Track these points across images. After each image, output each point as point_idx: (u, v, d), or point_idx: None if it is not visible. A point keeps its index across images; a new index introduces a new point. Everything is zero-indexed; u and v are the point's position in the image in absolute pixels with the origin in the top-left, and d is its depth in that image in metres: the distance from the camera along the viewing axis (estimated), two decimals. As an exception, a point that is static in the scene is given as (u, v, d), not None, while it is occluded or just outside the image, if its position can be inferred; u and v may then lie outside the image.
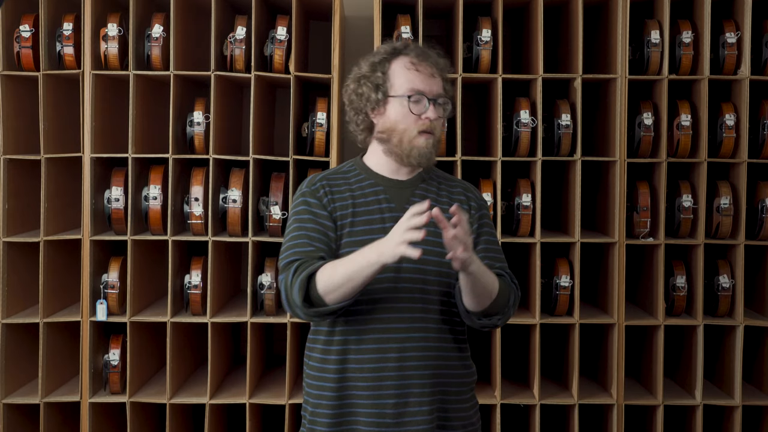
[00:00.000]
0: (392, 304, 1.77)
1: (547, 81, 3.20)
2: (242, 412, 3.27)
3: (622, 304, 3.17)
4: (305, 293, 1.69)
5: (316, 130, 3.16)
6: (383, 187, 1.85)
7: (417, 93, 1.79)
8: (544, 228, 3.32)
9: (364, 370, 1.77)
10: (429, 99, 1.79)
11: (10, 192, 3.15)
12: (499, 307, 1.79)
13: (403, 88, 1.79)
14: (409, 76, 1.80)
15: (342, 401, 1.80)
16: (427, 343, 1.78)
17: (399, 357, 1.76)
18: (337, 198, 1.83)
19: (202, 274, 3.15)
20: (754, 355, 3.33)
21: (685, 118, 3.14)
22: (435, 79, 1.81)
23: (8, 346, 3.14)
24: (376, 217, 1.80)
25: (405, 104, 1.79)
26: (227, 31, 3.24)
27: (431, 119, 1.79)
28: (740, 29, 3.15)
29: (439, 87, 1.81)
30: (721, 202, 3.14)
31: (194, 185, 3.13)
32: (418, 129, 1.79)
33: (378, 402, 1.77)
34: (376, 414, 1.77)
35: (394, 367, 1.77)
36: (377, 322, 1.77)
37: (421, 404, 1.78)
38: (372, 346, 1.77)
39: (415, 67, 1.80)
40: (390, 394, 1.77)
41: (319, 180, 1.86)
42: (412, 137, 1.79)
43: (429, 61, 1.82)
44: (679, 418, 3.35)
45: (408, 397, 1.77)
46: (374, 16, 3.16)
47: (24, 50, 3.11)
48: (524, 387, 3.30)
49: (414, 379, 1.77)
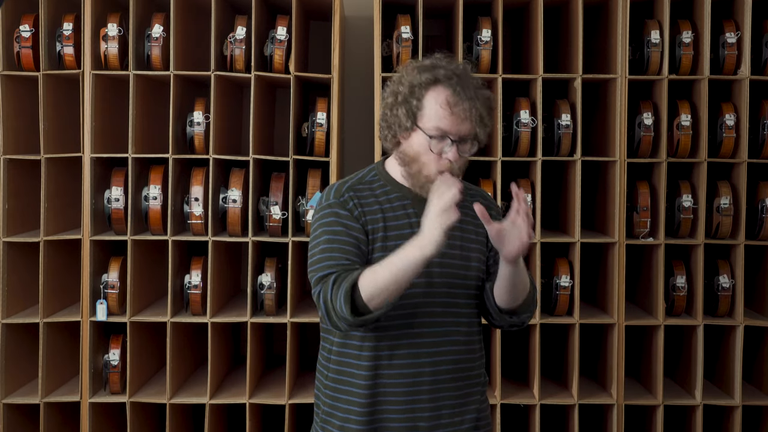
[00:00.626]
0: (424, 318, 1.76)
1: (547, 81, 3.20)
2: (242, 412, 3.27)
3: (622, 304, 3.17)
4: (351, 303, 1.65)
5: (316, 130, 3.16)
6: (410, 201, 1.81)
7: (442, 132, 1.73)
8: (544, 228, 3.32)
9: (398, 385, 1.76)
10: (453, 140, 1.73)
11: (10, 192, 3.15)
12: (528, 305, 1.83)
13: (430, 123, 1.74)
14: (440, 113, 1.73)
15: (373, 416, 1.77)
16: (457, 355, 1.79)
17: (433, 371, 1.76)
18: (367, 211, 1.79)
19: (202, 274, 3.15)
20: (754, 355, 3.33)
21: (685, 118, 3.14)
22: (464, 122, 1.74)
23: (8, 346, 3.14)
24: (406, 231, 1.76)
25: (428, 140, 1.74)
26: (227, 31, 3.24)
27: (451, 161, 1.74)
28: (740, 29, 3.15)
29: (468, 129, 1.74)
30: (721, 202, 3.14)
31: (194, 185, 3.13)
32: (437, 168, 1.74)
33: (412, 416, 1.76)
34: (409, 428, 1.76)
35: (428, 381, 1.76)
36: (410, 337, 1.75)
37: (452, 416, 1.79)
38: (406, 361, 1.75)
39: (450, 108, 1.73)
40: (424, 407, 1.76)
41: (346, 191, 1.81)
42: (429, 173, 1.75)
43: (464, 105, 1.73)
44: (679, 418, 3.35)
45: (441, 409, 1.77)
46: (374, 16, 3.16)
47: (24, 50, 3.11)
48: (524, 387, 3.30)
49: (447, 391, 1.78)
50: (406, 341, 1.75)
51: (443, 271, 1.77)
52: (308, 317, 3.18)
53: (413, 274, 1.61)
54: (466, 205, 1.84)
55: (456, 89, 1.73)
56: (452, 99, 1.73)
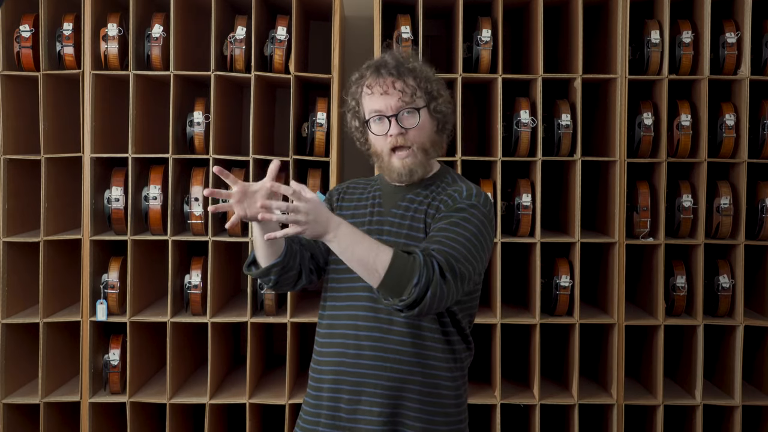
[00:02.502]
0: (364, 302, 1.81)
1: (547, 81, 3.20)
2: (242, 412, 3.27)
3: (622, 304, 3.17)
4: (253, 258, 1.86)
5: (316, 130, 3.16)
6: (382, 191, 1.90)
7: (375, 114, 1.82)
8: (544, 228, 3.32)
9: (329, 363, 1.82)
10: (387, 117, 1.80)
11: (10, 192, 3.15)
12: (401, 287, 1.60)
13: (367, 111, 1.84)
14: (367, 100, 1.83)
15: (317, 401, 1.85)
16: (385, 344, 1.78)
17: (356, 354, 1.79)
18: (346, 199, 1.94)
19: (202, 274, 3.15)
20: (754, 355, 3.33)
21: (685, 118, 3.14)
22: (390, 96, 1.80)
23: (8, 346, 3.14)
24: (367, 219, 1.87)
25: (370, 130, 1.84)
26: (227, 31, 3.24)
27: (393, 135, 1.80)
28: (740, 29, 3.15)
29: (401, 98, 1.80)
30: (721, 202, 3.14)
31: (194, 185, 3.13)
32: (388, 148, 1.82)
33: (336, 396, 1.81)
34: (333, 408, 1.81)
35: (350, 363, 1.79)
36: (346, 318, 1.82)
37: (372, 404, 1.78)
38: (335, 341, 1.82)
39: (370, 90, 1.82)
40: (346, 389, 1.79)
41: (339, 185, 2.00)
42: (387, 158, 1.83)
43: (385, 80, 1.81)
44: (679, 418, 3.35)
45: (361, 395, 1.79)
46: (374, 16, 3.16)
47: (24, 50, 3.11)
48: (524, 387, 3.30)
49: (369, 378, 1.78)
50: (342, 322, 1.82)
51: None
52: (308, 317, 3.18)
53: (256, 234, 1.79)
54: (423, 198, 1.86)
55: (378, 72, 1.82)
56: (372, 80, 1.83)
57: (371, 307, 1.79)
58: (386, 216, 1.85)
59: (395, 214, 1.84)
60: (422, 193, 1.86)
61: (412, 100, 1.81)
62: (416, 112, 1.81)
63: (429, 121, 1.84)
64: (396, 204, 1.86)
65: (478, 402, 3.14)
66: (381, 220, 1.85)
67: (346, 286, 1.83)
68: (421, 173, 1.85)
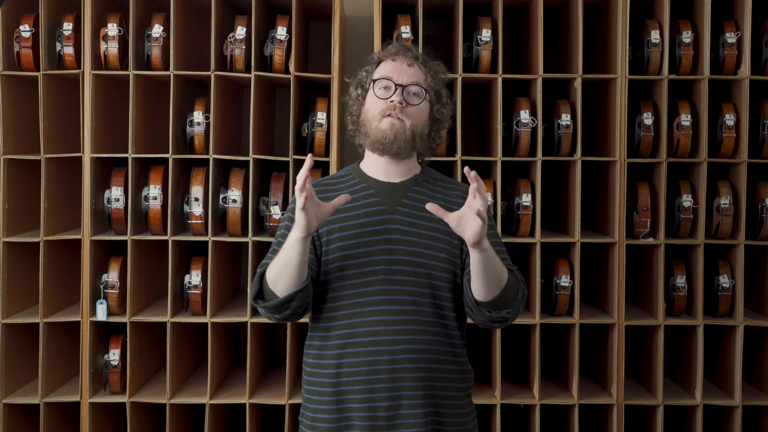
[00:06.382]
0: (384, 306, 1.78)
1: (547, 81, 3.20)
2: (242, 412, 3.27)
3: (622, 304, 3.17)
4: (258, 289, 1.76)
5: (316, 130, 3.16)
6: (375, 190, 1.85)
7: (386, 78, 1.83)
8: (544, 228, 3.32)
9: (358, 374, 1.78)
10: (397, 84, 1.81)
11: (10, 192, 3.15)
12: (508, 300, 1.76)
13: (375, 76, 1.85)
14: (383, 66, 1.86)
15: (340, 405, 1.80)
16: (419, 345, 1.78)
17: (391, 360, 1.76)
18: (325, 199, 1.81)
19: (202, 274, 3.15)
20: (754, 355, 3.33)
21: (685, 118, 3.14)
22: (411, 69, 1.84)
23: (8, 346, 3.14)
24: (365, 220, 1.81)
25: (374, 90, 1.84)
26: (227, 31, 3.24)
27: (395, 102, 1.80)
28: (740, 29, 3.15)
29: (414, 77, 1.83)
30: (721, 202, 3.14)
31: (194, 185, 3.13)
32: (382, 111, 1.80)
33: (372, 405, 1.77)
34: (370, 417, 1.77)
35: (386, 370, 1.76)
36: (367, 325, 1.78)
37: (413, 407, 1.77)
38: (364, 349, 1.77)
39: (392, 58, 1.85)
40: (383, 396, 1.77)
41: (313, 186, 1.85)
42: (377, 122, 1.81)
43: (408, 55, 1.86)
44: (679, 418, 3.35)
45: (401, 399, 1.77)
46: (374, 16, 3.16)
47: (24, 50, 3.11)
48: (524, 387, 3.30)
49: (407, 381, 1.77)
50: (364, 329, 1.77)
51: (404, 259, 1.78)
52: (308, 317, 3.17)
53: (296, 254, 1.66)
54: (446, 197, 1.88)
55: (407, 49, 1.87)
56: (395, 51, 1.86)
57: (402, 310, 1.78)
58: (393, 214, 1.82)
59: (404, 212, 1.82)
60: (424, 191, 1.87)
61: (423, 83, 1.85)
62: (424, 94, 1.84)
63: (427, 115, 1.86)
64: (400, 201, 1.84)
65: (478, 402, 3.13)
66: (389, 219, 1.81)
67: (358, 291, 1.79)
68: (404, 152, 1.83)
